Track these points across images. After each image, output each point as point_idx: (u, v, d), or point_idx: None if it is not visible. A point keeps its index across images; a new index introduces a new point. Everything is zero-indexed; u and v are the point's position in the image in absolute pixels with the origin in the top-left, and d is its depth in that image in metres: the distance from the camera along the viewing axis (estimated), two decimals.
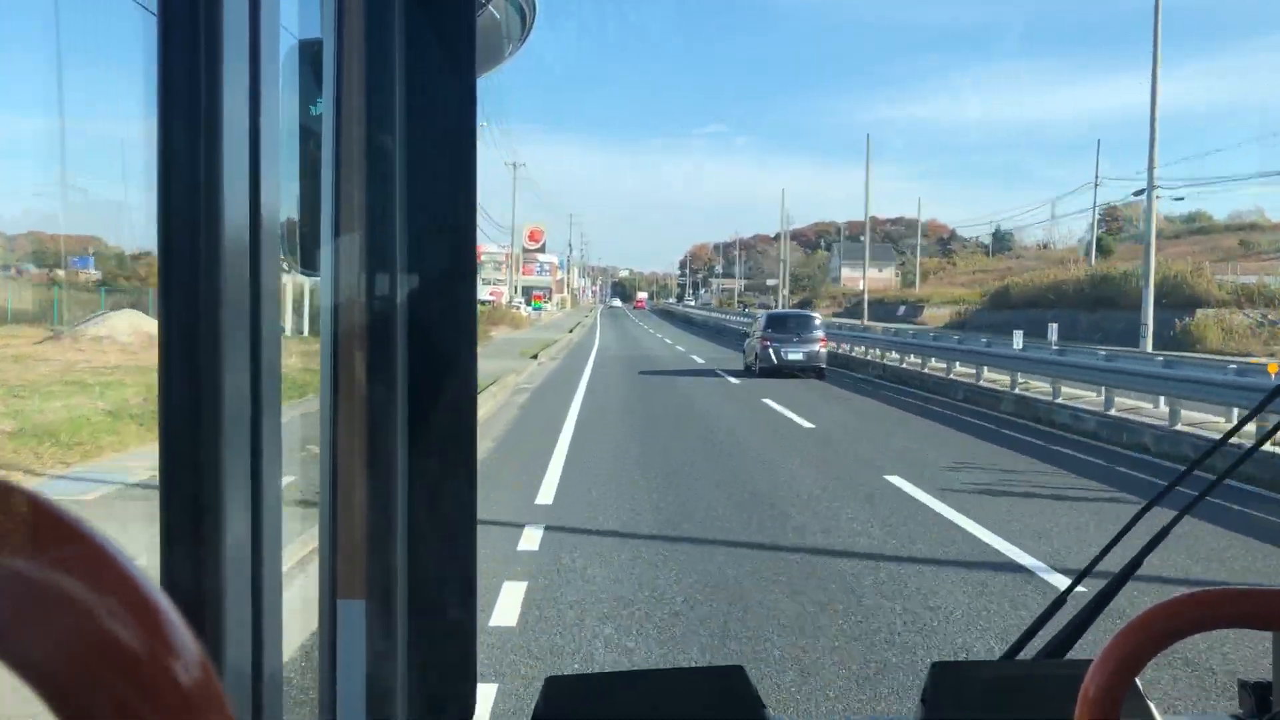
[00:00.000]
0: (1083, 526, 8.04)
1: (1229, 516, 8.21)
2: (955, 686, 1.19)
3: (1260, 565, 7.08)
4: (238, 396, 0.70)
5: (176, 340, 0.69)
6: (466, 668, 0.96)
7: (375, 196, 0.92)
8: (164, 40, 0.68)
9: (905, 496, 9.10)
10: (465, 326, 0.95)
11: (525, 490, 9.06)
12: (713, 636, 5.26)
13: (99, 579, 0.32)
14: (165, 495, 0.69)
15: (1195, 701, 4.47)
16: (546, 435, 12.57)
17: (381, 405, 0.93)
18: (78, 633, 0.31)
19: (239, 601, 0.70)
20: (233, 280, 0.70)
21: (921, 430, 14.46)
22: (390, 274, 0.92)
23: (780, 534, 7.57)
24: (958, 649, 5.09)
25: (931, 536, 7.54)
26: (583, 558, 6.77)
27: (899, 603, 5.85)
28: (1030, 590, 6.14)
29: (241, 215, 0.71)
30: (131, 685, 0.32)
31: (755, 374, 23.44)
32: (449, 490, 0.96)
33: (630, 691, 1.19)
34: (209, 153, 0.68)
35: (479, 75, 0.95)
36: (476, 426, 0.98)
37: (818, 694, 4.49)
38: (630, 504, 8.58)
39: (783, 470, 10.44)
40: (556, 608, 5.68)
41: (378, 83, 0.92)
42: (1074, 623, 1.29)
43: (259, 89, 0.72)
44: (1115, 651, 0.73)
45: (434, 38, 0.92)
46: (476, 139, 0.94)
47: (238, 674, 0.70)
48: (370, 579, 0.93)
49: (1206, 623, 0.76)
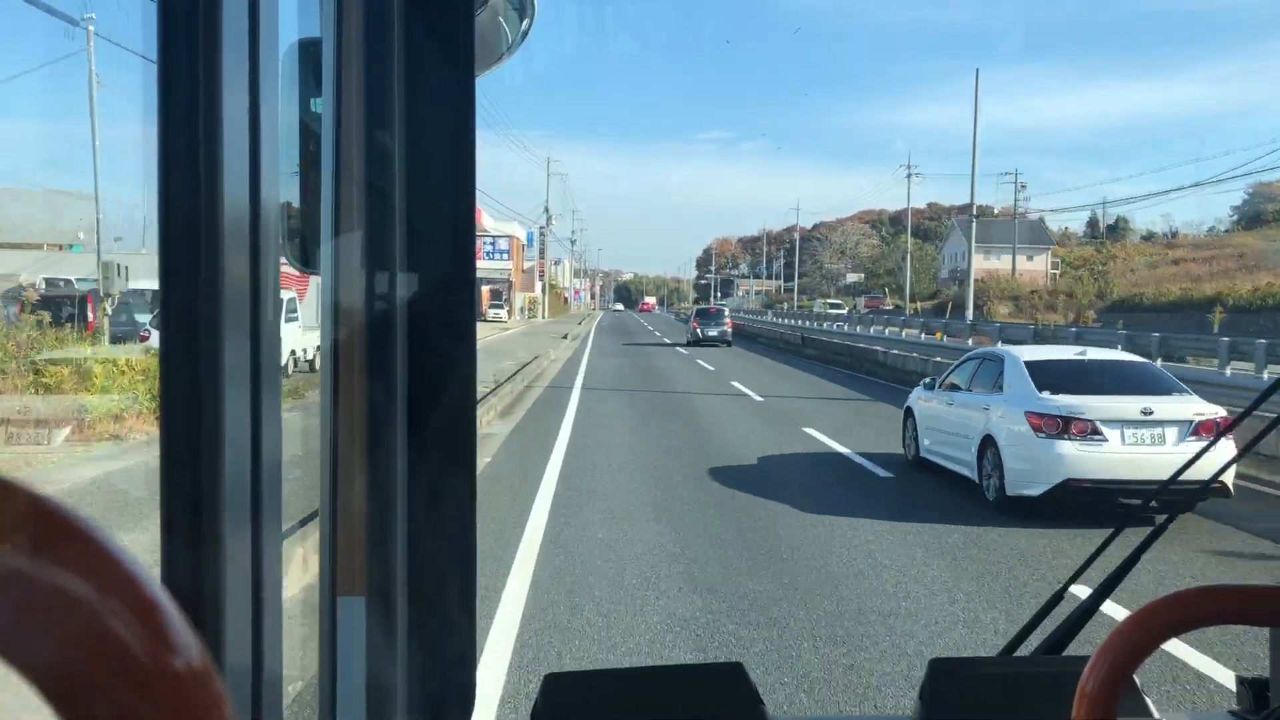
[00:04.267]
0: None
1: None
2: (953, 683, 1.19)
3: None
4: (238, 395, 0.71)
5: (176, 338, 0.69)
6: (467, 665, 0.97)
7: (374, 195, 0.92)
8: (163, 39, 0.68)
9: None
10: (465, 325, 0.95)
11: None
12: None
13: (100, 578, 0.32)
14: (165, 493, 0.69)
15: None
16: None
17: (381, 402, 0.93)
18: (79, 631, 0.31)
19: (239, 599, 0.70)
20: (233, 278, 0.70)
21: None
22: (390, 272, 0.92)
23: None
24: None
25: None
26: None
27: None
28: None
29: (241, 214, 0.71)
30: (132, 683, 0.32)
31: (689, 345, 38.35)
32: (449, 487, 0.96)
33: (629, 688, 1.20)
34: (208, 151, 0.68)
35: (479, 74, 0.95)
36: (476, 423, 0.98)
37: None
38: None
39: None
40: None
41: (377, 81, 0.92)
42: (1071, 619, 1.29)
43: (258, 88, 0.72)
44: (1113, 648, 0.74)
45: (433, 36, 0.92)
46: (476, 137, 0.94)
47: (238, 671, 0.71)
48: (370, 576, 0.93)
49: (1204, 619, 0.76)
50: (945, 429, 10.12)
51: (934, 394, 10.75)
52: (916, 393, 11.36)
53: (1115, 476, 8.03)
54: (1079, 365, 9.15)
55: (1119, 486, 8.07)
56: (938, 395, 10.61)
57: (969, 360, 10.46)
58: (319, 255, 0.96)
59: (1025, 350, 10.10)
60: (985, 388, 9.46)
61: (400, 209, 0.92)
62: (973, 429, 9.31)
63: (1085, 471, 8.06)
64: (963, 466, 9.56)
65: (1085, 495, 8.11)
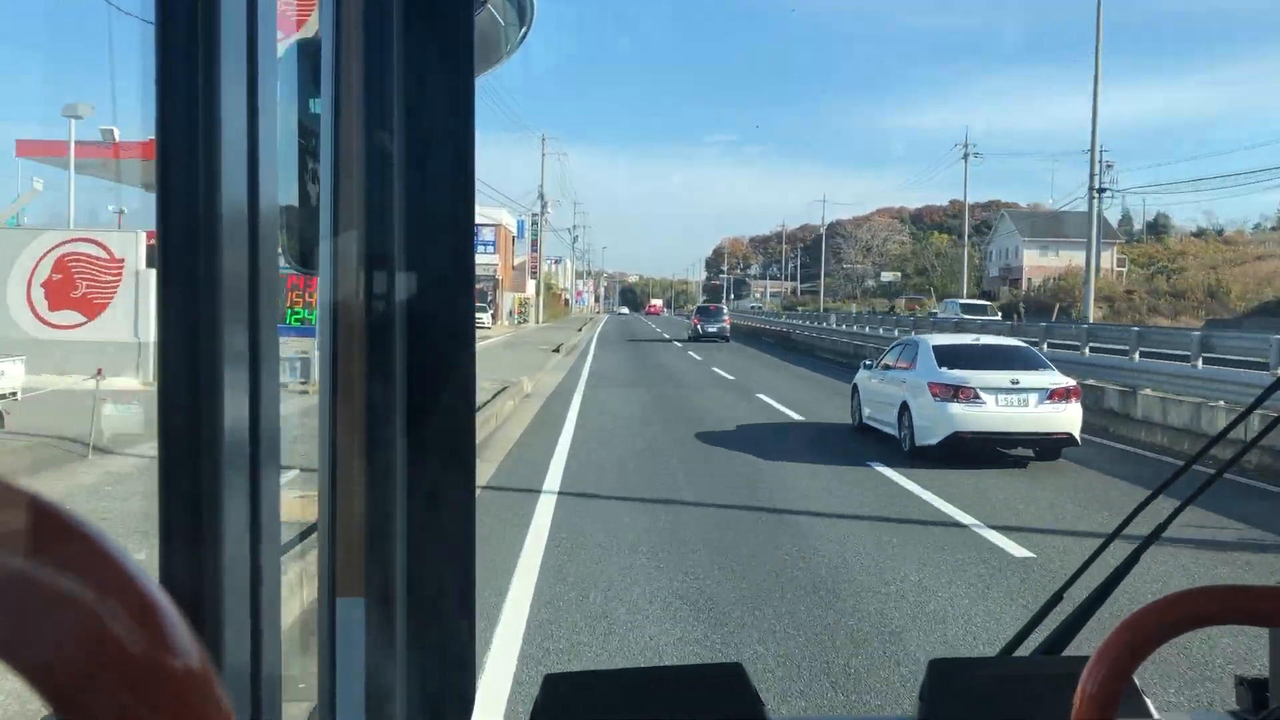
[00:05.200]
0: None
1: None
2: (953, 684, 1.19)
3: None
4: (236, 394, 0.71)
5: (175, 337, 0.69)
6: (466, 667, 0.96)
7: (373, 195, 0.92)
8: (162, 39, 0.68)
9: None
10: (463, 325, 0.95)
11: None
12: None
13: (99, 578, 0.32)
14: (164, 493, 0.69)
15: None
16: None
17: (380, 402, 0.93)
18: (78, 632, 0.31)
19: (238, 600, 0.70)
20: (231, 277, 0.70)
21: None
22: (388, 272, 0.92)
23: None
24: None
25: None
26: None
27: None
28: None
29: (240, 213, 0.71)
30: (131, 684, 0.32)
31: (688, 340, 42.17)
32: (448, 488, 0.96)
33: (629, 689, 1.20)
34: (208, 151, 0.68)
35: (478, 74, 0.95)
36: (475, 424, 0.98)
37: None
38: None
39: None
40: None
41: (376, 81, 0.92)
42: (1071, 619, 1.29)
43: (257, 88, 0.72)
44: (1112, 648, 0.74)
45: (432, 36, 0.92)
46: (475, 137, 0.94)
47: (237, 672, 0.71)
48: (369, 577, 0.93)
49: (1203, 619, 0.76)
50: (878, 399, 12.91)
51: (872, 373, 13.41)
52: (860, 373, 14.07)
53: (991, 429, 10.93)
54: (971, 348, 12.10)
55: (994, 436, 10.98)
56: (875, 374, 13.27)
57: (896, 346, 13.45)
58: (317, 255, 0.96)
59: (934, 337, 13.31)
60: (906, 365, 12.27)
61: (399, 209, 0.92)
62: (895, 397, 12.08)
63: (969, 425, 10.87)
64: (889, 426, 12.33)
65: (970, 443, 10.90)
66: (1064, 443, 11.08)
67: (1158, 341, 17.60)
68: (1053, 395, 10.99)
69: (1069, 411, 11.00)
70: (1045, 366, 11.61)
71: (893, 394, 12.23)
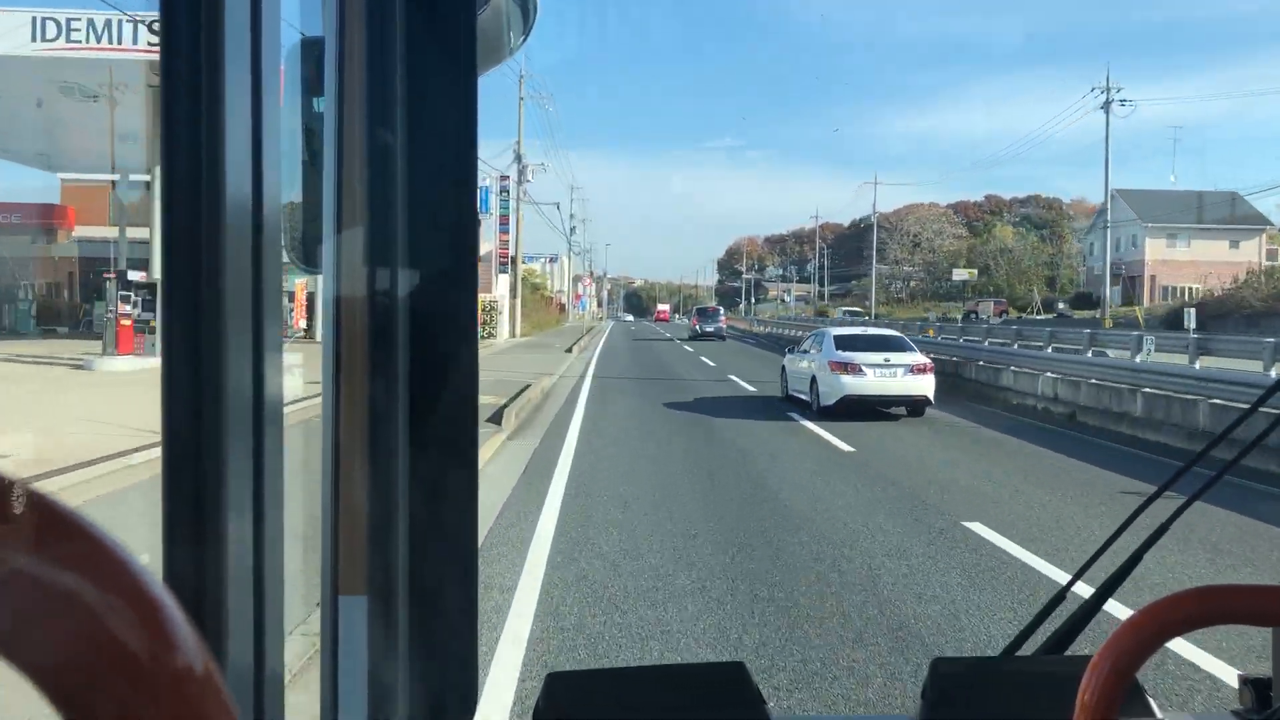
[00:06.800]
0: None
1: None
2: (956, 683, 1.19)
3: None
4: (240, 393, 0.71)
5: (179, 337, 0.69)
6: (468, 664, 0.97)
7: (376, 194, 0.92)
8: (166, 38, 0.68)
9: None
10: (466, 323, 0.95)
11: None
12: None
13: (102, 577, 0.32)
14: (167, 491, 0.69)
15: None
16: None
17: (382, 400, 0.93)
18: (80, 630, 0.31)
19: (241, 598, 0.70)
20: (235, 276, 0.70)
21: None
22: (391, 271, 0.92)
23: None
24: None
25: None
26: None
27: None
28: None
29: (244, 212, 0.71)
30: (134, 683, 0.32)
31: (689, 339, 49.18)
32: (450, 485, 0.96)
33: (631, 687, 1.20)
34: (211, 150, 0.68)
35: (481, 73, 0.95)
36: (477, 421, 0.98)
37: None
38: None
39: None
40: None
41: (379, 80, 0.92)
42: (1074, 619, 1.29)
43: (261, 87, 0.72)
44: (1115, 647, 0.74)
45: (435, 35, 0.92)
46: (477, 136, 0.94)
47: (239, 671, 0.71)
48: (371, 575, 0.93)
49: (1206, 619, 0.76)
50: (797, 375, 18.04)
51: (795, 356, 18.60)
52: (786, 357, 19.45)
53: (870, 392, 15.69)
54: (859, 336, 17.29)
55: (872, 398, 15.71)
56: (796, 356, 18.44)
57: (811, 335, 18.96)
58: (321, 253, 0.96)
59: (835, 329, 18.66)
60: (816, 350, 17.06)
61: (402, 208, 0.92)
62: (808, 373, 17.10)
63: (855, 391, 15.69)
64: (804, 394, 17.30)
65: (856, 404, 15.64)
66: (924, 403, 15.87)
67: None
68: (913, 369, 15.81)
69: (925, 380, 15.75)
70: (910, 349, 16.48)
71: (806, 370, 17.21)
